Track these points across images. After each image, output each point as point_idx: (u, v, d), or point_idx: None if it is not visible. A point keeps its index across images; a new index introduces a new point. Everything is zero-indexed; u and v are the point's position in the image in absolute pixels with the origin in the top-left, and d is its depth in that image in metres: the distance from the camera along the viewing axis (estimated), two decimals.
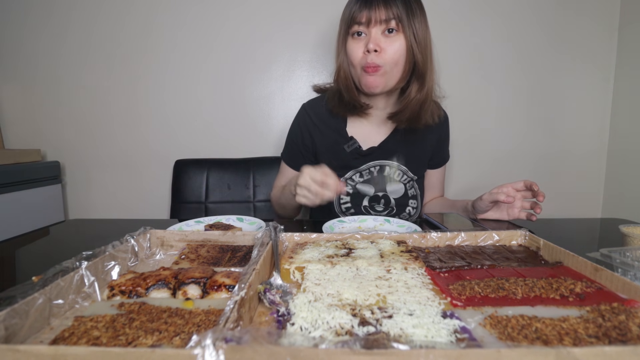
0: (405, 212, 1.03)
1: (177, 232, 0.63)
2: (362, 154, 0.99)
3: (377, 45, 0.84)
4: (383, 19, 0.83)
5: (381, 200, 1.01)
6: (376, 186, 1.01)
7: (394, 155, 0.99)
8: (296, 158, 1.05)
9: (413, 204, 1.04)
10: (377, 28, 0.84)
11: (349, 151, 0.99)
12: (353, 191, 1.01)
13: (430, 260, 0.54)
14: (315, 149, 1.04)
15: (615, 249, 0.52)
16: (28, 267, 0.65)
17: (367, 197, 1.01)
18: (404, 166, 1.00)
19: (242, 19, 1.43)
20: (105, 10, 1.42)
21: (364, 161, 0.99)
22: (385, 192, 1.01)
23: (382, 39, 0.85)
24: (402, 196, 1.02)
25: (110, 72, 1.46)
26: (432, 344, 0.27)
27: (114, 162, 1.51)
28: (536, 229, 0.64)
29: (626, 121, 1.45)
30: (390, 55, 0.85)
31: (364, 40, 0.86)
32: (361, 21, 0.85)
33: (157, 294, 0.44)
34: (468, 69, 1.47)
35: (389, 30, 0.84)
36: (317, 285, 0.45)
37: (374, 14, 0.83)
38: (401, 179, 1.01)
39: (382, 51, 0.85)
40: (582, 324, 0.35)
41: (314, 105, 1.05)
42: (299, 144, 1.04)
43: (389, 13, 0.83)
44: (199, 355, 0.26)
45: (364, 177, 1.00)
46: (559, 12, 1.45)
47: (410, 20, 0.84)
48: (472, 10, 1.44)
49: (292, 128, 1.07)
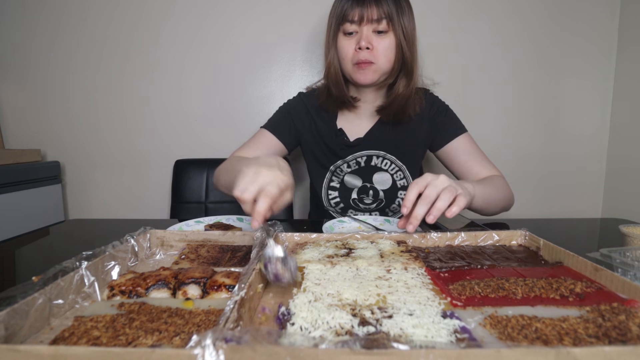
0: (395, 203, 1.02)
1: (177, 232, 0.63)
2: (348, 144, 1.00)
3: (369, 43, 0.86)
4: (375, 18, 0.85)
5: (370, 192, 1.01)
6: (363, 177, 1.01)
7: (381, 144, 1.00)
8: (283, 130, 1.02)
9: (403, 195, 1.02)
10: (368, 26, 0.86)
11: (336, 141, 1.00)
12: (340, 185, 1.02)
13: (430, 260, 0.54)
14: (301, 137, 1.04)
15: (615, 249, 0.52)
16: (28, 267, 0.65)
17: (355, 189, 1.02)
18: (391, 155, 1.00)
19: (242, 19, 1.43)
20: (105, 10, 1.42)
21: (350, 152, 1.00)
22: (372, 184, 1.01)
23: (374, 36, 0.87)
24: (391, 187, 1.01)
25: (110, 72, 1.45)
26: (432, 344, 0.27)
27: (114, 162, 1.51)
28: (536, 229, 0.64)
29: (626, 121, 1.45)
30: (381, 52, 0.87)
31: (355, 38, 0.88)
32: (353, 19, 0.86)
33: (157, 294, 0.44)
34: (468, 69, 1.47)
35: (379, 31, 0.86)
36: (317, 285, 0.45)
37: (366, 12, 0.85)
38: (389, 169, 1.01)
39: (374, 49, 0.87)
40: (582, 324, 0.35)
41: (309, 96, 1.06)
42: (290, 122, 1.03)
43: (380, 11, 0.84)
44: (199, 355, 0.26)
45: (351, 167, 1.01)
46: (559, 12, 1.45)
47: (399, 18, 0.86)
48: (471, 10, 1.44)
49: (286, 107, 1.06)
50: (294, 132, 1.03)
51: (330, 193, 1.03)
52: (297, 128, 1.03)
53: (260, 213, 0.53)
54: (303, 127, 1.03)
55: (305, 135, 1.04)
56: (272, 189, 0.54)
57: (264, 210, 0.53)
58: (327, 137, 1.01)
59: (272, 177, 0.56)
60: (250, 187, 0.54)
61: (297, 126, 1.03)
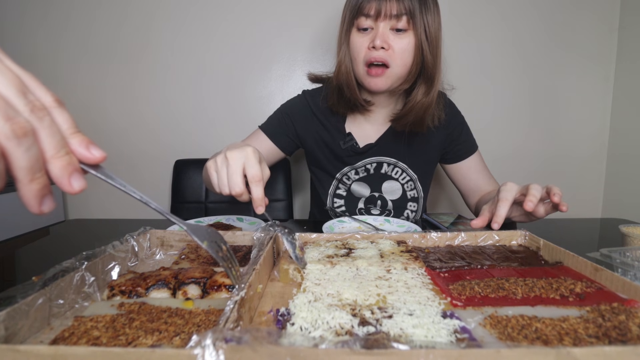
0: (404, 215, 0.99)
1: (177, 232, 0.63)
2: (357, 151, 0.93)
3: (384, 42, 0.77)
4: (394, 14, 0.75)
5: (377, 202, 0.96)
6: (372, 185, 0.96)
7: (393, 151, 0.94)
8: (279, 133, 0.95)
9: (412, 206, 0.99)
10: (385, 22, 0.77)
11: (344, 148, 0.93)
12: (347, 193, 0.96)
13: (430, 260, 0.54)
14: (304, 141, 0.97)
15: (615, 249, 0.52)
16: (28, 267, 0.65)
17: (362, 199, 0.97)
18: (403, 163, 0.95)
19: (242, 19, 1.43)
20: (104, 10, 1.42)
21: (359, 158, 0.94)
22: (381, 193, 0.96)
23: (391, 34, 0.77)
24: (400, 198, 0.97)
25: (110, 72, 1.46)
26: (432, 344, 0.27)
27: (113, 162, 1.51)
28: (536, 229, 0.64)
29: (626, 121, 1.45)
30: (398, 54, 0.78)
31: (369, 35, 0.79)
32: (369, 13, 0.77)
33: (157, 294, 0.44)
34: (467, 69, 1.47)
35: (397, 30, 0.78)
36: (317, 285, 0.45)
37: (384, 5, 0.75)
38: (400, 178, 0.96)
39: (390, 49, 0.77)
40: (582, 324, 0.35)
41: (314, 95, 0.97)
42: (289, 125, 0.95)
43: (401, 7, 0.75)
44: (199, 355, 0.26)
45: (359, 174, 0.95)
46: (559, 12, 1.45)
47: (423, 16, 0.76)
48: (470, 10, 1.44)
49: (287, 108, 0.97)
50: (293, 135, 0.96)
51: (336, 201, 0.98)
52: (298, 132, 0.96)
53: (260, 198, 0.53)
54: (306, 132, 0.96)
55: (309, 140, 0.96)
56: (255, 171, 0.54)
57: (262, 194, 0.54)
58: (334, 142, 0.94)
59: (243, 155, 0.54)
60: (233, 179, 0.54)
61: (298, 130, 0.96)
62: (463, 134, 0.99)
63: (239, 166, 0.54)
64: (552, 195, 0.64)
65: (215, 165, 0.57)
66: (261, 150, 0.92)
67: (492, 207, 0.68)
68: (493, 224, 0.63)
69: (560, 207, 0.65)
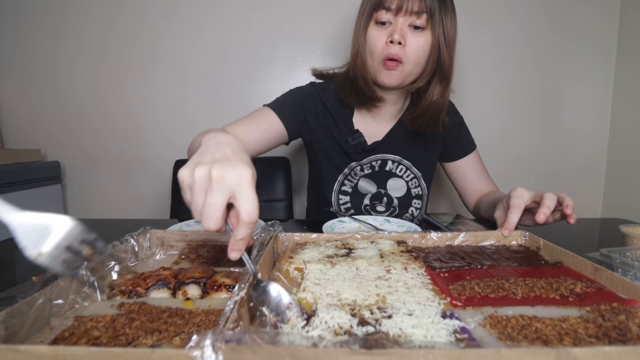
0: (408, 212, 0.99)
1: (177, 232, 0.63)
2: (366, 149, 0.94)
3: (402, 37, 0.77)
4: (414, 10, 0.76)
5: (383, 198, 0.97)
6: (377, 182, 0.97)
7: (397, 149, 0.95)
8: (289, 114, 0.92)
9: (417, 204, 1.00)
10: (405, 18, 0.77)
11: (353, 144, 0.94)
12: (353, 189, 0.97)
13: (430, 260, 0.54)
14: (312, 133, 0.96)
15: (615, 249, 0.52)
16: (28, 267, 0.65)
17: (368, 195, 0.97)
18: (407, 160, 0.96)
19: (242, 18, 1.43)
20: (104, 10, 1.42)
21: (366, 155, 0.95)
22: (386, 190, 0.97)
23: (408, 31, 0.78)
24: (405, 195, 0.98)
25: (110, 71, 1.45)
26: (431, 344, 0.27)
27: (114, 162, 1.51)
28: (536, 229, 0.64)
29: (626, 121, 1.45)
30: (413, 51, 0.78)
31: (387, 29, 0.79)
32: (390, 7, 0.77)
33: (157, 294, 0.44)
34: (467, 69, 1.47)
35: (416, 27, 0.78)
36: (317, 285, 0.45)
37: (405, 1, 0.76)
38: (404, 175, 0.97)
39: (405, 45, 0.78)
40: (582, 324, 0.35)
41: (324, 88, 0.96)
42: (300, 109, 0.93)
43: (422, 5, 0.76)
44: (197, 356, 0.26)
45: (364, 171, 0.96)
46: (559, 12, 1.45)
47: (442, 16, 0.77)
48: (470, 10, 1.43)
49: (298, 93, 0.95)
50: (302, 122, 0.94)
51: (342, 198, 0.97)
52: (308, 120, 0.94)
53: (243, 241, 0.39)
54: (317, 122, 0.95)
55: (318, 131, 0.95)
56: (249, 207, 0.37)
57: (248, 236, 0.39)
58: (342, 137, 0.94)
59: (236, 180, 0.37)
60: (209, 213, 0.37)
61: (309, 118, 0.94)
62: (462, 133, 1.02)
63: (224, 198, 0.37)
64: (565, 207, 0.63)
65: (192, 179, 0.38)
66: (262, 129, 0.88)
67: (504, 213, 0.68)
68: (504, 231, 0.63)
69: (568, 219, 0.64)
